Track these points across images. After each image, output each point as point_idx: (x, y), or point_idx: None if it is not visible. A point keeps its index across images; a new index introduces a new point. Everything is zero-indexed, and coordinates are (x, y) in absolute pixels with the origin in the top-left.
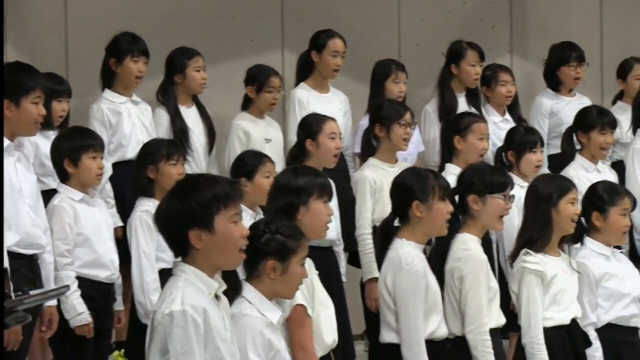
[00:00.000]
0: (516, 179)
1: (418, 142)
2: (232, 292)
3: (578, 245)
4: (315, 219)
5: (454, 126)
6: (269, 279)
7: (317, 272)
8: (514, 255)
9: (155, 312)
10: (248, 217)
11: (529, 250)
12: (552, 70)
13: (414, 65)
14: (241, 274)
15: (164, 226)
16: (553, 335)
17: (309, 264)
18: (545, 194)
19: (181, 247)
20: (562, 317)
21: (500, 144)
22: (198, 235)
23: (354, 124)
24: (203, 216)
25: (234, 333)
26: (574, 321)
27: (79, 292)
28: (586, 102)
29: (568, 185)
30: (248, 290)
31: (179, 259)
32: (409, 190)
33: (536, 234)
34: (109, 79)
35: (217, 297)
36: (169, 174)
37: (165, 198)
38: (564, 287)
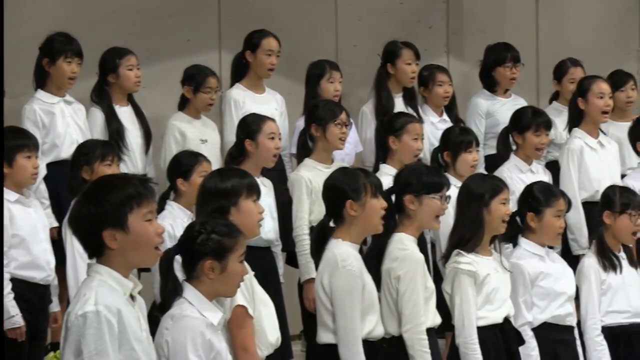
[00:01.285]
0: (452, 179)
1: (356, 143)
2: (172, 293)
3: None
4: (247, 218)
5: (389, 126)
6: (208, 279)
7: (253, 272)
8: (447, 256)
9: (69, 313)
10: (186, 218)
11: (460, 251)
12: (487, 71)
13: (351, 65)
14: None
15: (78, 228)
16: (486, 334)
17: (245, 264)
18: (477, 194)
19: (96, 248)
20: (495, 316)
21: (437, 144)
22: (112, 235)
23: (292, 124)
24: (116, 216)
25: (150, 333)
26: (506, 320)
27: (12, 295)
28: (522, 102)
29: (500, 186)
30: (188, 291)
31: (94, 260)
32: (340, 190)
33: (468, 233)
34: (42, 79)
35: (132, 297)
36: (103, 174)
37: (77, 200)
38: (497, 286)
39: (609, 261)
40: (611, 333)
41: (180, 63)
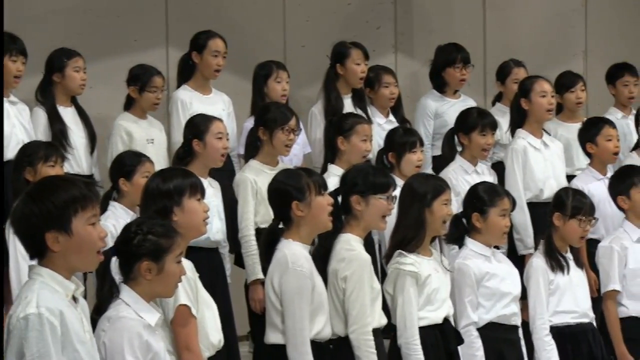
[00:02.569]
0: (397, 179)
1: (304, 144)
2: (108, 295)
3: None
4: (192, 218)
5: (338, 127)
6: (145, 280)
7: (198, 274)
8: (388, 256)
9: (11, 316)
10: (129, 218)
11: (402, 252)
12: (437, 71)
13: (299, 66)
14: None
15: (20, 228)
16: (426, 334)
17: (191, 265)
18: (420, 194)
19: (38, 250)
20: (435, 317)
21: (383, 145)
22: (55, 237)
23: (240, 124)
24: (60, 218)
25: (93, 335)
26: (445, 320)
27: None
28: (471, 103)
29: (442, 186)
30: (125, 292)
31: (35, 261)
32: (285, 192)
33: (410, 233)
34: None
35: (75, 299)
36: (47, 175)
37: (21, 199)
38: (437, 286)
39: (556, 262)
40: (559, 333)
41: (127, 62)
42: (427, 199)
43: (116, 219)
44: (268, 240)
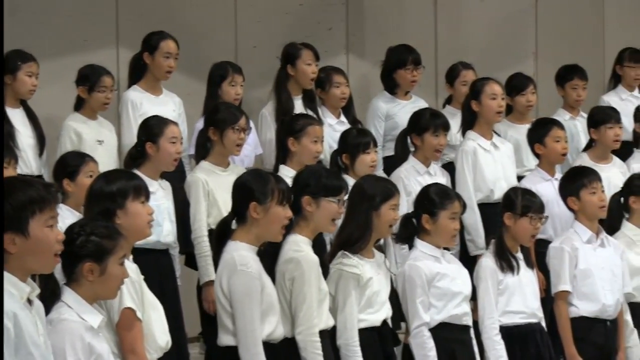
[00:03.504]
0: (352, 181)
1: (255, 145)
2: (51, 296)
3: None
4: (136, 220)
5: (289, 128)
6: (87, 282)
7: (143, 276)
8: (332, 254)
9: None
10: (74, 219)
11: (346, 252)
12: (388, 72)
13: (250, 66)
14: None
15: None
16: (365, 336)
17: (135, 267)
18: (369, 195)
19: None
20: (374, 319)
21: (336, 146)
22: (12, 239)
23: (191, 125)
24: (17, 220)
25: (47, 338)
26: (384, 322)
27: None
28: (422, 104)
29: (392, 190)
30: (67, 294)
31: None
32: (248, 190)
33: (356, 234)
34: None
35: (29, 301)
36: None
37: None
38: (378, 289)
39: (507, 262)
40: (507, 333)
41: (77, 62)
42: (375, 202)
43: (62, 220)
44: (220, 231)
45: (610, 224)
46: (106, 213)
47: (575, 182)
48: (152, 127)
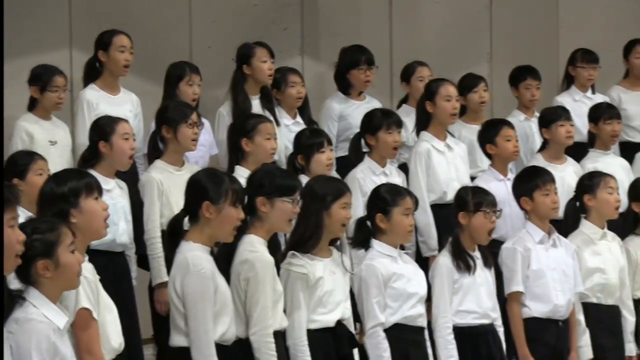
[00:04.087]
0: None
1: (211, 145)
2: (9, 304)
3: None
4: (92, 217)
5: (241, 129)
6: (46, 279)
7: (99, 276)
8: (284, 255)
9: None
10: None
11: (295, 252)
12: (342, 73)
13: (206, 67)
14: None
15: None
16: (318, 337)
17: (91, 267)
18: (320, 195)
19: None
20: (327, 320)
21: (291, 146)
22: None
23: (147, 125)
24: None
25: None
26: (339, 323)
27: None
28: (376, 104)
29: (343, 189)
30: (33, 294)
31: None
32: (202, 189)
33: (307, 234)
34: None
35: None
36: None
37: None
38: (331, 288)
39: (463, 262)
40: (460, 333)
41: (30, 63)
42: (326, 202)
43: None
44: (172, 229)
45: (568, 230)
46: (60, 214)
47: (529, 182)
48: (104, 126)
